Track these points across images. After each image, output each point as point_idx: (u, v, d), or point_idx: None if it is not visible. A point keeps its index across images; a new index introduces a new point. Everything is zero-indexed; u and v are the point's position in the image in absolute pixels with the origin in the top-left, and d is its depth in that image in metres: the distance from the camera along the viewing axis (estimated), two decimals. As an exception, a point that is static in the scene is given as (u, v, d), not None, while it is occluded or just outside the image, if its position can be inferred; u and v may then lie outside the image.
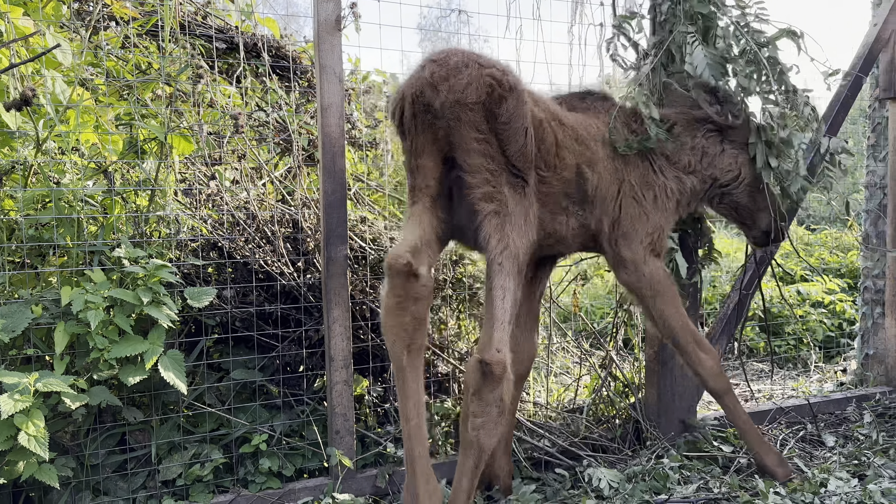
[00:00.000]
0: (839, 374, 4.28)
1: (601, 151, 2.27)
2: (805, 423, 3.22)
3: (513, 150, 1.92)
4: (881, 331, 3.81)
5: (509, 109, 1.88)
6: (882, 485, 2.22)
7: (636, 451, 2.83)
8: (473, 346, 3.08)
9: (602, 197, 2.27)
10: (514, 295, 1.89)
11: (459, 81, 1.85)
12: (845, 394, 3.57)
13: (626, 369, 3.16)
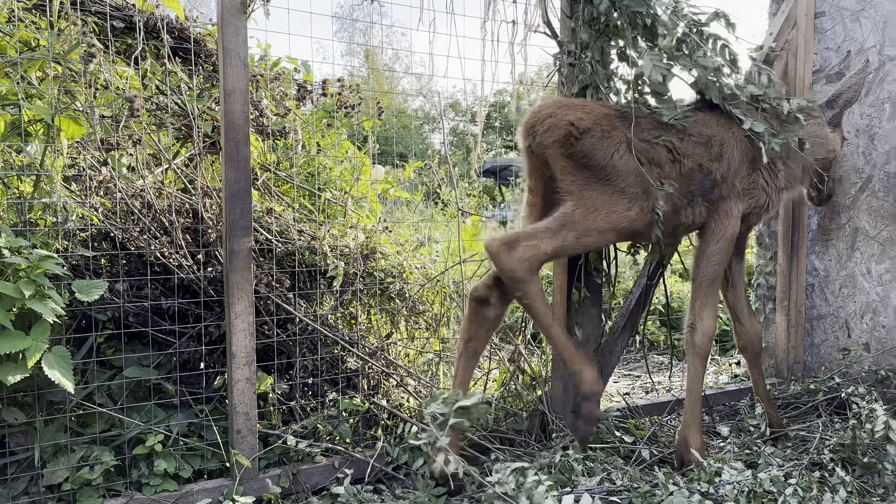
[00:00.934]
0: (733, 367, 4.51)
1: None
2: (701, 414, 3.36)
3: (602, 174, 2.42)
4: (772, 325, 4.03)
5: (586, 145, 2.38)
6: (771, 473, 2.33)
7: (542, 444, 2.87)
8: (384, 341, 3.05)
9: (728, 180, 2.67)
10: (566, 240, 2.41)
11: (543, 128, 2.40)
12: (739, 385, 3.76)
13: (534, 363, 3.21)
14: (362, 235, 2.90)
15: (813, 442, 2.93)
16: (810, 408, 3.41)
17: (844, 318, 3.72)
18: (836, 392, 3.41)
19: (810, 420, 3.29)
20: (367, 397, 2.82)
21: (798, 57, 3.71)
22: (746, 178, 2.70)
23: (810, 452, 2.81)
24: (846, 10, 3.64)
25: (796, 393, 3.50)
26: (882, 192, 3.52)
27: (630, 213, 2.47)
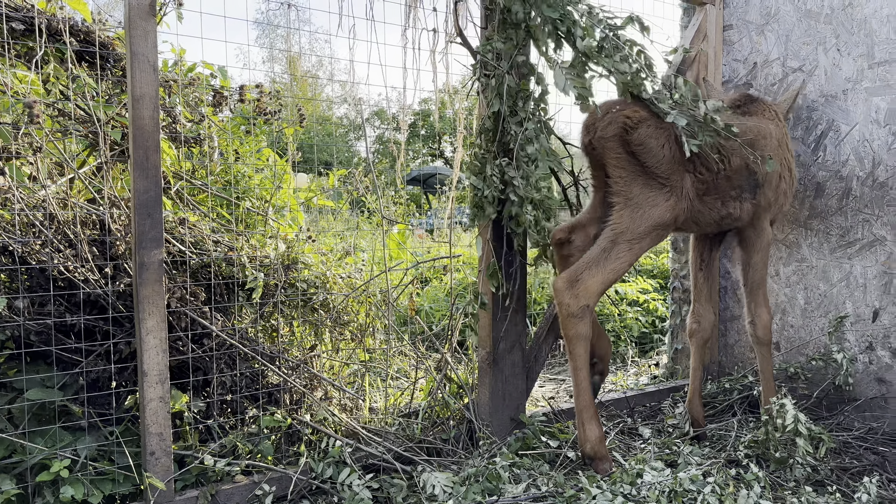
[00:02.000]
0: (653, 368, 4.64)
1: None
2: (624, 416, 3.43)
3: (650, 162, 2.64)
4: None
5: (641, 135, 2.61)
6: (690, 472, 2.40)
7: (470, 452, 2.86)
8: (308, 354, 2.97)
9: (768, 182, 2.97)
10: (620, 257, 2.63)
11: (603, 123, 2.64)
12: (658, 387, 3.87)
13: (461, 371, 3.20)
14: (283, 245, 2.82)
15: (729, 440, 3.04)
16: (726, 406, 3.54)
17: (755, 318, 3.88)
18: (750, 390, 3.55)
19: (726, 418, 3.41)
20: (289, 413, 2.74)
21: (709, 68, 3.86)
22: (775, 189, 3.01)
23: (727, 450, 2.91)
24: (752, 24, 3.82)
25: (713, 392, 3.63)
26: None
27: (670, 203, 2.68)
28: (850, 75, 3.41)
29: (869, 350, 3.39)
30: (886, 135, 3.28)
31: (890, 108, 3.27)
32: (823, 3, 3.51)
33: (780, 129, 3.06)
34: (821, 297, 3.56)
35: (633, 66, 2.54)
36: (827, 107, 3.51)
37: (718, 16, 3.88)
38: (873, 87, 3.32)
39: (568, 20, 2.55)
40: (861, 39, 3.36)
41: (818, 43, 3.53)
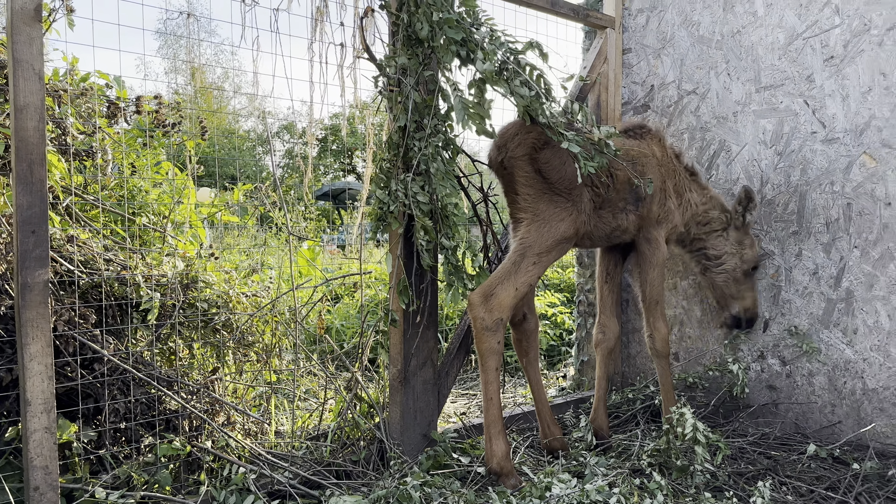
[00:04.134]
0: (560, 380, 4.73)
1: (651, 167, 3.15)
2: (533, 429, 3.47)
3: (555, 179, 2.81)
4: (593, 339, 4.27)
5: (547, 154, 2.80)
6: (596, 483, 2.45)
7: (380, 473, 2.82)
8: (209, 378, 2.85)
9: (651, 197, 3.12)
10: (529, 270, 2.75)
11: (514, 143, 2.81)
12: (566, 398, 3.94)
13: (372, 390, 3.15)
14: (182, 263, 2.70)
15: (634, 449, 3.13)
16: (630, 416, 3.64)
17: (657, 330, 4.03)
18: (652, 399, 3.68)
19: (631, 428, 3.51)
20: (188, 440, 2.61)
21: (609, 89, 4.01)
22: (661, 206, 3.17)
23: (632, 459, 2.99)
24: (649, 48, 4.00)
25: (617, 402, 3.73)
26: (684, 214, 3.87)
27: (572, 217, 2.84)
28: (739, 98, 3.62)
29: (761, 359, 3.58)
30: (773, 155, 3.50)
31: (776, 130, 3.49)
32: (715, 29, 3.71)
33: (663, 152, 3.27)
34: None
35: (531, 90, 2.60)
36: (719, 128, 3.71)
37: (618, 39, 4.04)
38: (760, 110, 3.54)
39: (470, 43, 2.58)
40: (749, 65, 3.58)
41: (710, 67, 3.73)
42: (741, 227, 3.38)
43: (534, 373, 3.15)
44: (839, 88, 3.25)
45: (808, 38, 3.35)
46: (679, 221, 3.27)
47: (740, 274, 3.38)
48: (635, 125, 3.35)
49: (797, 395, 3.44)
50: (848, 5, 3.21)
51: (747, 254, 3.38)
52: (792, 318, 3.45)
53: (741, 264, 3.37)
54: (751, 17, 3.56)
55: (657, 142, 3.29)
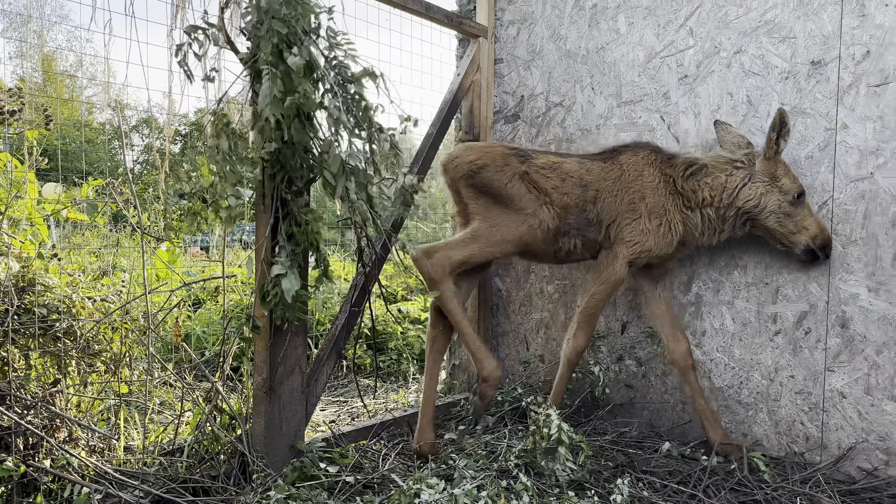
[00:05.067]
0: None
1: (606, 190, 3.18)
2: (404, 435, 3.44)
3: (499, 196, 3.09)
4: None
5: (484, 178, 3.09)
6: (465, 487, 2.45)
7: (242, 488, 2.67)
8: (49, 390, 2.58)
9: (606, 220, 3.18)
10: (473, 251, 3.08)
11: (452, 166, 3.16)
12: (437, 402, 3.94)
13: (234, 400, 2.99)
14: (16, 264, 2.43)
15: (501, 451, 3.17)
16: (499, 418, 3.70)
17: (523, 333, 4.13)
18: (520, 401, 3.76)
19: (499, 429, 3.56)
20: (23, 459, 2.35)
21: (482, 98, 4.07)
22: (629, 227, 3.15)
23: (499, 461, 3.03)
24: (519, 59, 4.10)
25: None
26: (551, 221, 4.00)
27: (521, 229, 3.07)
28: (602, 112, 3.79)
29: (619, 360, 3.76)
30: (632, 167, 3.68)
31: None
32: (580, 45, 3.87)
33: (636, 173, 3.20)
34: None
35: (348, 121, 2.55)
36: (583, 139, 3.86)
37: (490, 49, 4.11)
38: (621, 124, 3.72)
39: (292, 36, 2.47)
40: (611, 80, 3.75)
41: (576, 81, 3.88)
42: (772, 157, 3.03)
43: (435, 365, 3.30)
44: (692, 106, 3.47)
45: (665, 58, 3.56)
46: (653, 245, 3.15)
47: (787, 206, 3.01)
48: (617, 147, 3.34)
49: (651, 394, 3.64)
50: (701, 28, 3.44)
51: (784, 184, 3.02)
52: (648, 322, 3.64)
53: (783, 197, 3.01)
54: (614, 34, 3.74)
55: (635, 162, 3.22)
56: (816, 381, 3.15)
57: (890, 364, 2.96)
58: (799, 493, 2.79)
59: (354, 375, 3.58)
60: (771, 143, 3.01)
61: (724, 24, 3.37)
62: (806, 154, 3.15)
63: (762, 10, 3.26)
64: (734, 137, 3.19)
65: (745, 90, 3.32)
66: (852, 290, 3.05)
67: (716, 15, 3.40)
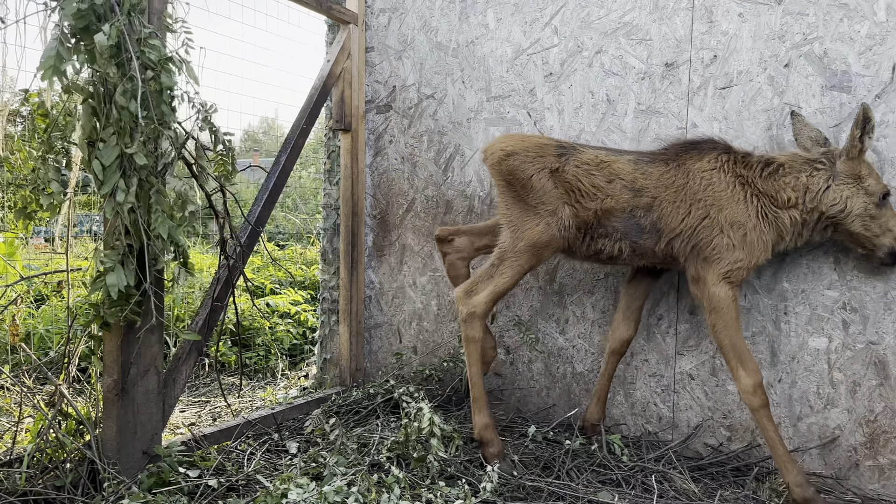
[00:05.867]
0: (302, 380, 4.62)
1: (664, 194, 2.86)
2: (271, 433, 3.33)
3: (520, 189, 2.93)
4: (336, 336, 4.24)
5: (511, 164, 2.93)
6: (335, 484, 2.39)
7: (91, 497, 2.47)
8: None
9: (666, 231, 2.87)
10: (503, 273, 2.98)
11: (487, 154, 3.02)
12: (307, 398, 3.84)
13: (82, 404, 2.75)
14: None
15: (373, 444, 3.14)
16: (370, 411, 3.66)
17: (397, 325, 4.12)
18: (392, 393, 3.74)
19: (371, 423, 3.53)
20: None
21: (353, 86, 4.00)
22: (709, 245, 2.81)
23: (371, 454, 2.99)
24: (391, 49, 4.06)
25: (358, 398, 3.72)
26: (423, 213, 4.00)
27: (539, 227, 2.89)
28: (472, 106, 3.83)
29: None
30: (501, 160, 3.76)
31: (503, 137, 3.75)
32: (451, 38, 3.89)
33: (706, 178, 2.86)
34: (451, 303, 3.92)
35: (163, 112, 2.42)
36: (454, 132, 3.89)
37: (361, 37, 4.04)
38: (491, 118, 3.78)
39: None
40: (481, 75, 3.80)
41: (447, 74, 3.90)
42: (855, 156, 2.76)
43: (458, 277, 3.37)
44: (556, 103, 3.59)
45: (531, 55, 3.65)
46: (744, 256, 2.79)
47: (873, 208, 2.77)
48: (683, 146, 2.99)
49: (519, 380, 3.74)
50: (565, 27, 3.56)
51: (870, 185, 2.77)
52: (516, 311, 3.74)
53: (869, 199, 2.77)
54: (483, 28, 3.79)
55: (701, 168, 2.88)
56: (668, 365, 3.36)
57: (731, 346, 3.22)
58: (653, 471, 2.97)
59: (217, 374, 3.41)
60: (855, 141, 2.73)
61: (587, 25, 3.51)
62: (660, 151, 3.35)
63: (621, 13, 3.42)
64: (811, 132, 2.91)
65: (605, 89, 3.47)
66: (700, 279, 3.28)
67: (579, 15, 3.52)
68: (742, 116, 3.16)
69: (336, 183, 4.25)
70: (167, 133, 2.52)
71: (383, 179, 4.14)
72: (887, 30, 2.87)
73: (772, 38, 3.09)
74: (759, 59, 3.12)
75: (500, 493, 2.66)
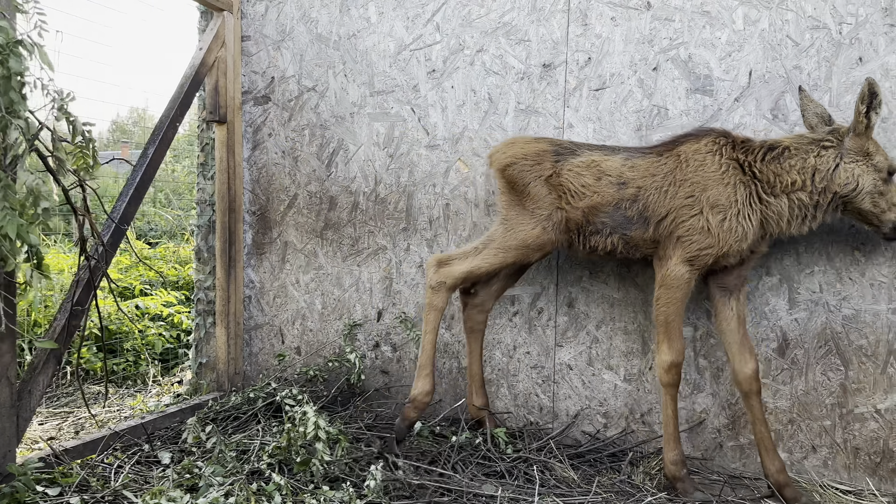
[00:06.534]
0: (177, 386, 4.38)
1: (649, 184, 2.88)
2: (141, 443, 3.12)
3: (519, 194, 3.04)
4: (213, 340, 4.05)
5: (512, 172, 3.05)
6: (210, 496, 2.27)
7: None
8: None
9: (653, 217, 2.88)
10: (486, 258, 3.09)
11: (492, 160, 3.15)
12: (181, 406, 3.65)
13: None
14: None
15: (253, 450, 3.02)
16: (251, 416, 3.52)
17: (279, 325, 3.99)
18: (274, 397, 3.61)
19: (252, 429, 3.39)
20: None
21: (228, 76, 3.82)
22: (684, 224, 2.80)
23: (251, 462, 2.88)
24: (269, 39, 3.92)
25: (237, 403, 3.57)
26: (306, 210, 3.90)
27: (535, 231, 3.00)
28: (356, 100, 3.77)
29: (375, 347, 3.79)
30: (385, 157, 3.72)
31: (388, 134, 3.71)
32: (332, 29, 3.80)
33: (697, 163, 2.82)
34: (336, 301, 3.85)
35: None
36: (338, 127, 3.81)
37: (236, 25, 3.87)
38: (374, 113, 3.73)
39: None
40: (364, 69, 3.74)
41: (329, 66, 3.81)
42: (862, 132, 2.72)
43: (475, 341, 3.37)
44: (440, 100, 3.60)
45: (414, 51, 3.64)
46: (713, 242, 2.77)
47: (881, 184, 2.74)
48: (681, 136, 2.95)
49: (406, 377, 3.73)
50: (447, 25, 3.57)
51: (878, 161, 2.73)
52: (402, 307, 3.72)
53: (878, 175, 2.73)
54: (365, 22, 3.73)
55: (696, 150, 2.84)
56: (548, 356, 3.46)
57: (606, 338, 3.35)
58: (535, 460, 3.05)
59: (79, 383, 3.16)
60: (861, 117, 2.69)
61: (468, 23, 3.53)
62: (539, 149, 3.43)
63: (501, 12, 3.48)
64: (817, 108, 2.87)
65: (486, 88, 3.51)
66: (577, 273, 3.39)
67: (460, 13, 3.54)
68: (614, 117, 3.29)
69: (211, 177, 4.05)
70: (17, 123, 2.30)
71: (263, 174, 3.99)
72: (745, 37, 3.09)
73: (642, 42, 3.25)
74: (630, 62, 3.27)
75: (387, 492, 2.63)
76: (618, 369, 3.35)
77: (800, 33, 3.03)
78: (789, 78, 3.04)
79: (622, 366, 3.34)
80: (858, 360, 2.99)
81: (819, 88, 3.00)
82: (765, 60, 3.07)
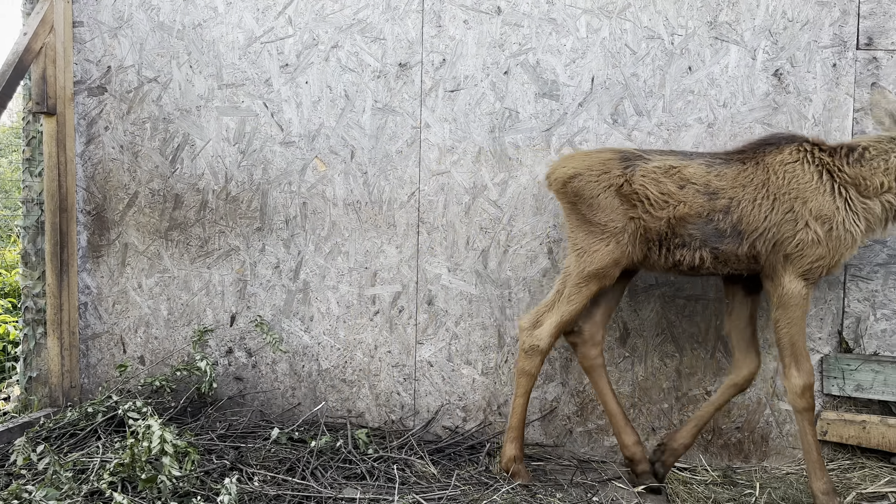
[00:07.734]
0: (3, 404, 3.96)
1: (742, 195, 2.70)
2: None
3: (586, 211, 2.83)
4: (44, 351, 3.70)
5: (575, 186, 2.83)
6: (40, 524, 2.07)
7: None
8: None
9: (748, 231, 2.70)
10: (571, 300, 2.88)
11: (550, 180, 2.97)
12: (9, 424, 3.30)
13: None
14: None
15: (93, 469, 2.79)
16: (90, 432, 3.25)
17: (119, 334, 3.71)
18: (115, 410, 3.36)
19: (91, 446, 3.13)
20: None
21: (58, 64, 3.50)
22: (792, 240, 2.64)
23: (90, 482, 2.66)
24: (104, 25, 3.63)
25: (74, 419, 3.29)
26: (148, 209, 3.65)
27: (609, 247, 2.79)
28: (202, 93, 3.58)
29: (228, 353, 3.63)
30: (236, 153, 3.57)
31: (238, 129, 3.56)
32: (176, 18, 3.58)
33: (789, 173, 2.69)
34: (183, 306, 3.64)
35: None
36: (183, 120, 3.60)
37: (67, 9, 3.55)
38: (224, 107, 3.56)
39: None
40: (211, 60, 3.56)
41: (172, 56, 3.59)
42: None
43: (599, 377, 3.05)
44: (294, 95, 3.50)
45: (265, 43, 3.51)
46: (826, 253, 2.64)
47: None
48: (758, 143, 2.81)
49: (262, 383, 3.60)
50: (300, 18, 3.48)
51: None
52: (257, 310, 3.59)
53: None
54: (211, 11, 3.55)
55: (782, 160, 2.71)
56: (409, 354, 3.48)
57: (465, 334, 3.43)
58: (397, 459, 3.06)
59: None
60: None
61: (322, 18, 3.46)
62: (396, 149, 3.43)
63: (356, 9, 3.44)
64: (889, 105, 2.77)
65: (343, 85, 3.46)
66: (436, 271, 3.44)
67: (313, 7, 3.47)
68: (469, 118, 3.36)
69: (39, 174, 3.70)
70: None
71: (98, 171, 3.69)
72: (588, 45, 3.26)
73: (493, 46, 3.34)
74: (482, 66, 3.35)
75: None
76: (476, 364, 3.43)
77: (637, 42, 3.24)
78: (627, 84, 3.25)
79: (480, 360, 3.43)
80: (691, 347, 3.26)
81: (654, 95, 3.23)
82: (606, 67, 3.26)
